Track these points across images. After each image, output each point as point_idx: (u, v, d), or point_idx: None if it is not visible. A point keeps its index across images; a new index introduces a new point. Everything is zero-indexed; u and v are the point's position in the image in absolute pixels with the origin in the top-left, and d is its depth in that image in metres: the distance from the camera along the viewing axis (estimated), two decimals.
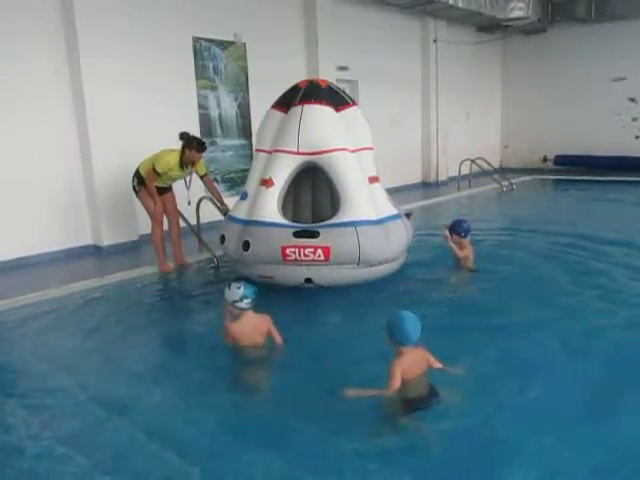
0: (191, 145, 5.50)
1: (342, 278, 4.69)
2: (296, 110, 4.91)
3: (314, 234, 4.53)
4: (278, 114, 5.09)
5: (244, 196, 5.12)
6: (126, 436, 2.74)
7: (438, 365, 2.84)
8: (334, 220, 4.68)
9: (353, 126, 5.04)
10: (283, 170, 4.87)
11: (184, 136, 5.54)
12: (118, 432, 2.79)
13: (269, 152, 5.01)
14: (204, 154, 5.74)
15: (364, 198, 4.78)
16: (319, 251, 4.45)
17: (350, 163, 4.85)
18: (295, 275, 4.66)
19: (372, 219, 4.70)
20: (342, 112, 5.02)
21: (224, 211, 5.71)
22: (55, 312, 4.67)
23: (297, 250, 4.48)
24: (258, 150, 5.21)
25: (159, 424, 2.85)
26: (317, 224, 4.80)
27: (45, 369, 3.59)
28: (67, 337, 4.12)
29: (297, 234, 4.55)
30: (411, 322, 2.70)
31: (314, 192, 5.88)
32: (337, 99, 5.10)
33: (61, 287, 5.26)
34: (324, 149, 4.79)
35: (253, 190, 5.00)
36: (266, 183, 4.84)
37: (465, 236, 5.24)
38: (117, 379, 3.43)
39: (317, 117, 4.87)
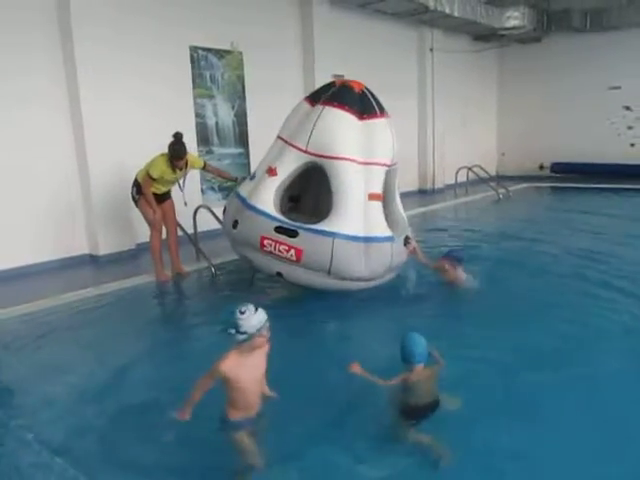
0: (170, 152, 5.45)
1: (311, 281, 4.74)
2: (317, 109, 4.84)
3: (293, 233, 4.59)
4: (306, 107, 5.03)
5: (252, 177, 5.23)
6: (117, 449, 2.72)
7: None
8: (316, 226, 4.66)
9: (374, 138, 4.83)
10: (288, 164, 4.89)
11: (175, 136, 5.47)
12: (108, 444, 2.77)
13: (284, 142, 5.02)
14: (195, 154, 5.68)
15: (355, 213, 4.67)
16: (292, 251, 4.55)
17: (352, 175, 4.71)
18: (269, 265, 4.81)
19: (356, 235, 4.59)
20: (366, 121, 4.81)
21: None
22: (49, 322, 4.63)
23: (273, 244, 4.61)
24: (278, 137, 5.17)
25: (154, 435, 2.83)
26: (299, 224, 4.73)
27: (38, 377, 3.56)
28: (61, 348, 4.09)
29: (277, 229, 4.64)
30: (417, 343, 2.78)
31: (319, 192, 5.76)
32: (364, 107, 4.86)
33: (56, 297, 5.22)
34: (330, 154, 4.71)
35: (260, 174, 5.08)
36: (270, 172, 4.91)
37: (455, 264, 5.05)
38: (109, 393, 3.38)
39: (333, 121, 4.76)
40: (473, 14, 11.40)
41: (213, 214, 6.35)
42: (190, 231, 6.45)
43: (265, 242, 4.62)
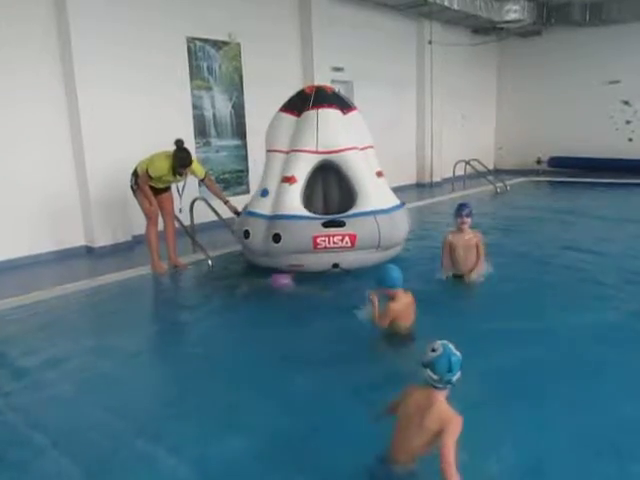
0: (174, 160, 5.42)
1: (363, 261, 5.29)
2: (311, 114, 5.44)
3: (341, 224, 5.12)
4: (290, 117, 5.59)
5: (264, 193, 5.53)
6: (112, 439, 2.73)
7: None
8: (356, 210, 5.28)
9: (357, 127, 5.69)
10: (304, 167, 5.42)
11: (177, 144, 5.44)
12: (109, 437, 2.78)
13: (285, 152, 5.51)
14: (193, 160, 5.61)
15: (375, 190, 5.45)
16: (346, 238, 5.08)
17: (361, 160, 5.52)
18: (324, 261, 5.22)
19: (384, 208, 5.37)
20: (348, 115, 5.65)
21: (233, 209, 5.87)
22: (45, 314, 4.63)
23: (327, 239, 5.06)
24: (271, 150, 5.66)
25: (150, 429, 2.84)
26: (342, 214, 5.34)
27: (34, 370, 3.56)
28: (56, 340, 4.08)
29: (326, 224, 5.12)
30: (394, 270, 3.54)
31: (325, 186, 6.17)
32: (343, 103, 5.73)
33: (52, 289, 5.21)
34: (339, 148, 5.42)
35: (274, 187, 5.46)
36: (289, 180, 5.34)
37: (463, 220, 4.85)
38: (106, 386, 3.39)
39: (331, 119, 5.48)
40: (472, 7, 11.31)
41: (210, 206, 6.34)
42: (187, 223, 6.44)
43: (318, 240, 5.04)
